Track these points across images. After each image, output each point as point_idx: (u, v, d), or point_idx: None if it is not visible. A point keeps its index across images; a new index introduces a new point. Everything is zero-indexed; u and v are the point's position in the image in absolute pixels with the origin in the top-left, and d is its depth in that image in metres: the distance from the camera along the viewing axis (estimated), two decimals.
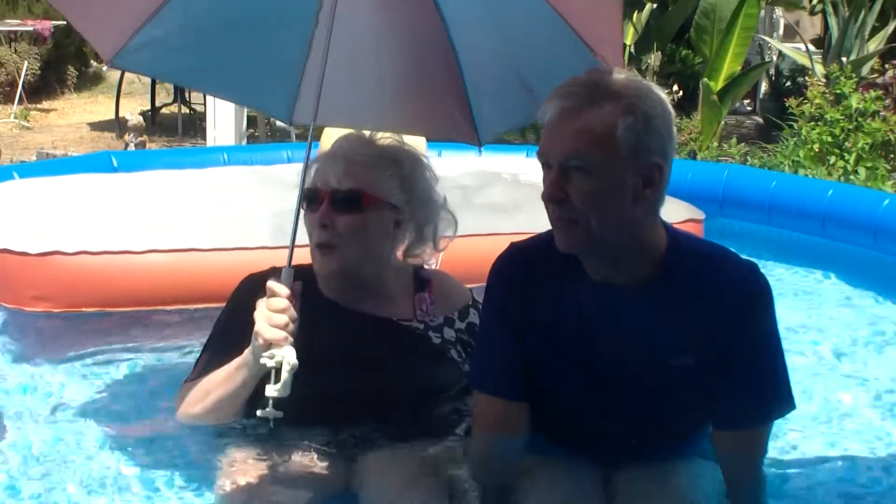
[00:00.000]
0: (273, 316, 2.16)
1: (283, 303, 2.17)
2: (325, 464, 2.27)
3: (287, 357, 2.13)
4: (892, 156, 6.67)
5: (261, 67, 2.78)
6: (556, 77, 2.04)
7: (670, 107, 1.98)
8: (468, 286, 2.52)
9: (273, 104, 3.00)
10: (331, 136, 2.40)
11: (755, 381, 2.03)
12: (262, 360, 2.14)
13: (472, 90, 2.77)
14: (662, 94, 1.98)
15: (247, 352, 2.23)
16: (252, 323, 2.21)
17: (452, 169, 5.00)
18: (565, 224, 1.95)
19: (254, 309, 2.22)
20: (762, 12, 9.59)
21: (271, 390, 2.12)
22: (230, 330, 2.35)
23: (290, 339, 2.16)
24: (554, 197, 1.93)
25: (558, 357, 2.08)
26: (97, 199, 4.27)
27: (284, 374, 2.12)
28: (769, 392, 2.06)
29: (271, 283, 2.20)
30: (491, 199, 4.43)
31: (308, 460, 2.27)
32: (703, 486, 2.16)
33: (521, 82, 2.74)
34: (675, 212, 4.20)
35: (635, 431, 2.13)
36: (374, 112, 2.82)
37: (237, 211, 4.11)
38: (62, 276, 3.63)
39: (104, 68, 12.24)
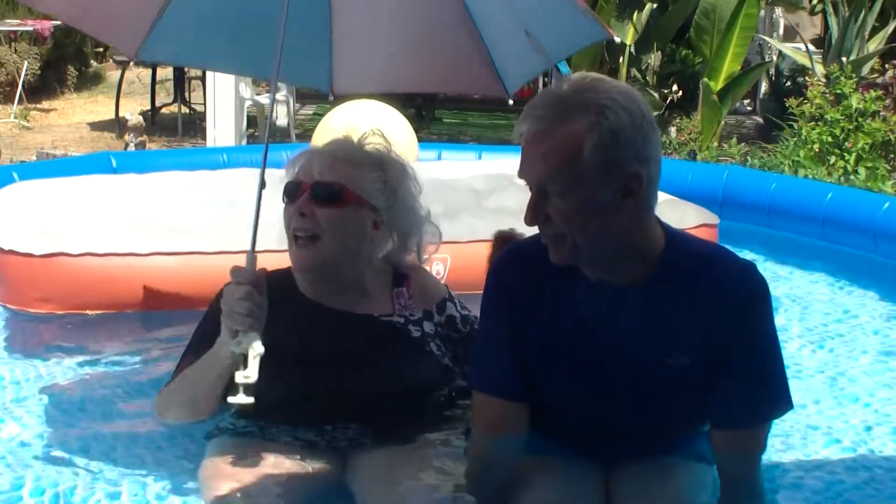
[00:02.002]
0: (236, 304, 2.18)
1: (243, 290, 2.18)
2: (313, 462, 2.28)
3: (252, 343, 2.16)
4: (892, 156, 6.69)
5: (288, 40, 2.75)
6: (548, 17, 1.97)
7: (643, 107, 1.91)
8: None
9: (311, 74, 2.98)
10: (322, 138, 2.41)
11: (752, 381, 2.03)
12: (231, 348, 2.18)
13: (488, 41, 2.74)
14: (631, 98, 1.91)
15: (217, 342, 2.25)
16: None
17: (464, 171, 5.00)
18: (553, 240, 1.96)
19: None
20: (762, 12, 9.62)
21: (240, 377, 2.17)
22: (209, 333, 2.34)
23: (256, 324, 2.18)
24: (534, 220, 1.94)
25: (556, 357, 2.08)
26: (103, 201, 4.26)
27: (251, 360, 2.16)
28: (766, 392, 2.06)
29: (234, 270, 2.22)
30: (502, 203, 4.35)
31: (297, 458, 2.27)
32: (700, 485, 2.17)
33: (524, 28, 2.71)
34: (688, 216, 4.21)
35: (634, 430, 2.13)
36: (397, 72, 2.80)
37: (243, 213, 4.09)
38: (67, 277, 3.63)
39: (107, 62, 12.22)
